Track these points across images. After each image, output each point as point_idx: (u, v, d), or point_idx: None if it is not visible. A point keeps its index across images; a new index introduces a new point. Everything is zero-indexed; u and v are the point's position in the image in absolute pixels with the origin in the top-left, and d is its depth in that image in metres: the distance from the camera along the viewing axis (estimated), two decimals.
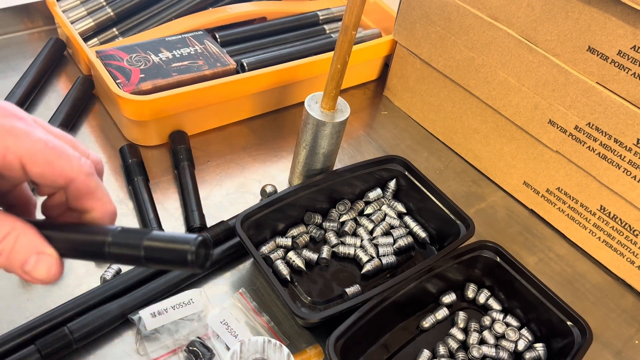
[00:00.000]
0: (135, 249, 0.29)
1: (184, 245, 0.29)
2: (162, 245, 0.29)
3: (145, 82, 0.65)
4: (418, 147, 0.78)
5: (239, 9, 0.81)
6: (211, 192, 0.66)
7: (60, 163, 0.29)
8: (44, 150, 0.29)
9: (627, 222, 0.62)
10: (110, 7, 0.75)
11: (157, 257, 0.29)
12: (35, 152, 0.29)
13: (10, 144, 0.28)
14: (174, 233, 0.30)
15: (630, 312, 0.63)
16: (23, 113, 0.30)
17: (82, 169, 0.30)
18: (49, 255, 0.30)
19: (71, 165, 0.30)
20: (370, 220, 0.63)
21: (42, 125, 0.31)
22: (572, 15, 0.58)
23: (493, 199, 0.73)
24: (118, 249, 0.30)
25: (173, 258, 0.29)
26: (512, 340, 0.55)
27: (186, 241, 0.29)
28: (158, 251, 0.29)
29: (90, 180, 0.31)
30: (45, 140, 0.29)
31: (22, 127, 0.29)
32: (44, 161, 0.29)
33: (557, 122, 0.64)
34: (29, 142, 0.28)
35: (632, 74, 0.56)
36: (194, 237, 0.29)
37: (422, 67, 0.77)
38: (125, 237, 0.30)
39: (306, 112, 0.60)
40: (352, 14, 0.54)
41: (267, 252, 0.58)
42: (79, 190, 0.30)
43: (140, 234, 0.30)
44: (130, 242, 0.30)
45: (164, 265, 0.30)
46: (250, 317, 0.54)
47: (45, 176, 0.29)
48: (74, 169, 0.30)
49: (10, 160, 0.28)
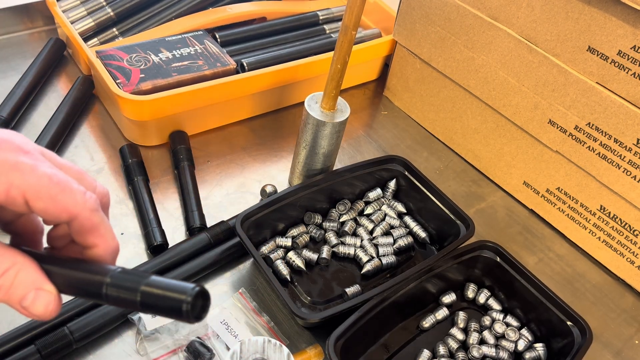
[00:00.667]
0: (132, 293, 0.29)
1: (181, 295, 0.28)
2: (159, 292, 0.29)
3: (145, 82, 0.65)
4: (418, 147, 0.78)
5: (239, 9, 0.81)
6: (211, 192, 0.66)
7: (64, 198, 0.29)
8: (48, 185, 0.29)
9: (627, 222, 0.62)
10: (110, 7, 0.75)
11: (153, 303, 0.29)
12: (39, 187, 0.28)
13: (14, 179, 0.28)
14: (172, 281, 0.29)
15: (630, 312, 0.63)
16: (29, 145, 0.30)
17: (85, 204, 0.30)
18: (47, 291, 0.30)
19: (75, 200, 0.29)
20: (370, 220, 0.63)
21: (49, 157, 0.31)
22: (572, 15, 0.58)
23: (493, 199, 0.73)
24: (115, 291, 0.29)
25: (168, 306, 0.28)
26: (512, 340, 0.55)
27: (183, 291, 0.28)
28: (154, 297, 0.29)
29: (93, 217, 0.30)
30: (49, 175, 0.29)
31: (27, 162, 0.29)
32: (47, 196, 0.29)
33: (557, 122, 0.64)
34: (33, 177, 0.28)
35: (632, 74, 0.56)
36: (191, 287, 0.28)
37: (422, 67, 0.77)
38: (123, 280, 0.29)
39: (306, 112, 0.60)
40: (352, 14, 0.54)
41: (267, 252, 0.58)
42: (83, 226, 0.30)
43: (139, 277, 0.29)
44: (128, 285, 0.29)
45: (159, 313, 0.29)
46: (250, 317, 0.54)
47: (48, 211, 0.29)
48: (78, 204, 0.29)
49: (13, 196, 0.28)
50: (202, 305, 0.29)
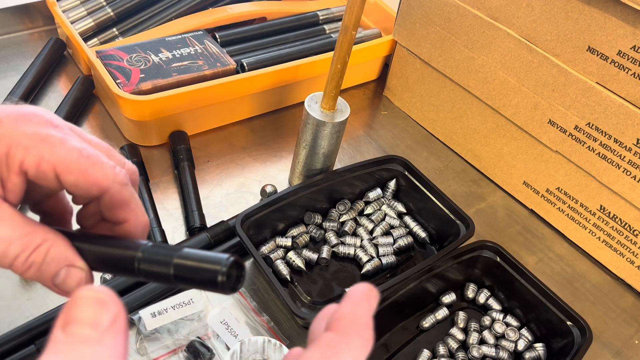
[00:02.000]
0: (165, 267, 0.28)
1: (215, 266, 0.27)
2: (192, 264, 0.28)
3: (145, 82, 0.65)
4: (418, 147, 0.78)
5: (239, 9, 0.81)
6: (211, 192, 0.66)
7: (94, 172, 0.29)
8: (79, 159, 0.28)
9: (627, 222, 0.62)
10: (110, 7, 0.75)
11: (187, 276, 0.28)
12: (69, 161, 0.28)
13: (45, 153, 0.28)
14: (206, 252, 0.28)
15: (630, 312, 0.63)
16: (59, 120, 0.30)
17: (116, 178, 0.29)
18: (79, 268, 0.29)
19: (105, 174, 0.29)
20: (370, 220, 0.64)
21: (78, 133, 0.31)
22: (572, 15, 0.58)
23: (493, 199, 0.73)
24: (148, 266, 0.29)
25: (203, 278, 0.28)
26: (512, 340, 0.55)
27: (218, 261, 0.27)
28: (188, 270, 0.28)
29: (124, 191, 0.30)
30: (79, 148, 0.29)
31: (57, 135, 0.28)
32: (77, 170, 0.28)
33: (557, 122, 0.64)
34: (63, 150, 0.28)
35: (632, 74, 0.56)
36: (225, 257, 0.28)
37: (422, 67, 0.77)
38: (155, 254, 0.29)
39: (306, 112, 0.60)
40: (352, 14, 0.54)
41: (267, 252, 0.58)
42: (113, 201, 0.30)
43: (171, 250, 0.29)
44: (160, 258, 0.29)
45: (194, 285, 0.28)
46: (250, 317, 0.54)
47: (79, 185, 0.29)
48: (108, 178, 0.29)
49: (44, 169, 0.28)
50: (237, 276, 0.28)
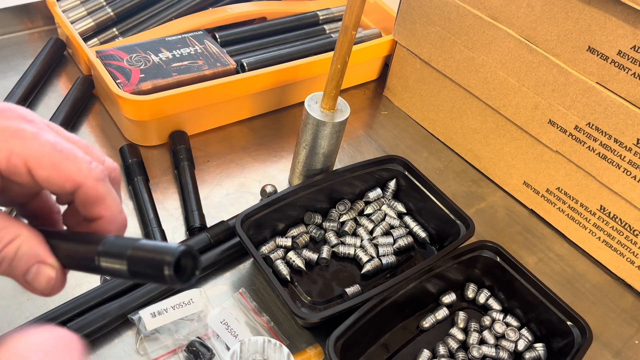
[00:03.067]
0: (120, 261, 0.26)
1: (163, 256, 0.25)
2: (143, 255, 0.26)
3: (145, 82, 0.65)
4: (418, 147, 0.78)
5: (239, 9, 0.81)
6: (211, 192, 0.66)
7: (68, 166, 0.28)
8: (51, 153, 0.28)
9: (627, 222, 0.62)
10: (110, 7, 0.75)
11: (139, 270, 0.26)
12: (41, 155, 0.27)
13: (15, 147, 0.27)
14: (159, 243, 0.26)
15: (630, 312, 0.63)
16: (33, 116, 0.29)
17: (90, 173, 0.29)
18: (49, 265, 0.28)
19: (79, 168, 0.28)
20: (370, 220, 0.63)
21: (54, 129, 0.30)
22: (572, 15, 0.58)
23: (493, 199, 0.73)
24: (106, 261, 0.27)
25: (153, 270, 0.25)
26: (512, 340, 0.55)
27: (166, 251, 0.25)
28: (140, 262, 0.26)
29: (99, 186, 0.29)
30: (53, 142, 0.28)
31: (30, 130, 0.28)
32: (50, 164, 0.27)
33: (557, 122, 0.64)
34: (35, 144, 0.27)
35: (632, 74, 0.56)
36: (175, 246, 0.25)
37: (422, 67, 0.77)
38: (113, 246, 0.27)
39: (306, 112, 0.60)
40: (352, 14, 0.54)
41: (267, 252, 0.58)
42: (87, 196, 0.29)
43: (128, 242, 0.27)
44: (116, 251, 0.27)
45: (147, 280, 0.26)
46: (250, 317, 0.54)
47: (51, 180, 0.28)
48: (82, 173, 0.28)
49: (15, 163, 0.27)
50: (192, 267, 0.26)
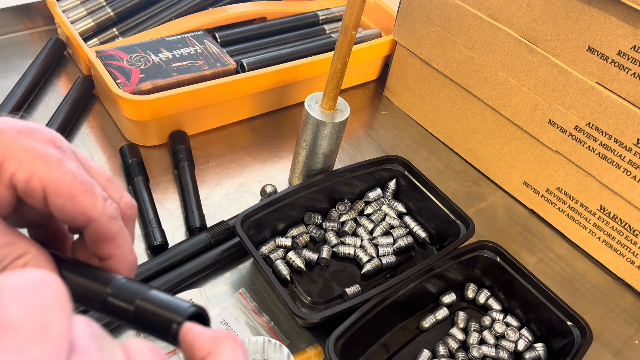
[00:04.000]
0: (127, 307, 0.25)
1: (172, 315, 0.24)
2: (151, 308, 0.25)
3: (145, 82, 0.65)
4: (418, 147, 0.78)
5: (239, 9, 0.81)
6: (211, 192, 0.66)
7: (84, 200, 0.27)
8: (71, 183, 0.27)
9: (627, 222, 0.62)
10: (110, 7, 0.75)
11: (144, 322, 0.25)
12: (61, 183, 0.27)
13: (38, 169, 0.26)
14: (169, 298, 0.25)
15: (630, 312, 0.63)
16: (61, 141, 0.29)
17: (105, 210, 0.28)
18: None
19: (95, 204, 0.27)
20: (370, 220, 0.63)
21: (80, 158, 0.29)
22: (572, 15, 0.58)
23: (493, 199, 0.73)
24: (112, 305, 0.26)
25: (158, 327, 0.24)
26: (512, 340, 0.55)
27: (176, 310, 0.24)
28: (147, 315, 0.25)
29: (111, 225, 0.28)
30: (75, 173, 0.27)
31: (56, 155, 0.27)
32: (67, 194, 0.27)
33: (557, 122, 0.64)
34: (58, 171, 0.27)
35: (632, 74, 0.56)
36: (185, 306, 0.24)
37: (422, 67, 0.77)
38: (122, 292, 0.26)
39: (306, 112, 0.60)
40: (352, 14, 0.54)
41: (267, 252, 0.58)
42: (99, 233, 0.28)
43: (138, 290, 0.26)
44: (124, 297, 0.26)
45: (150, 333, 0.25)
46: (250, 317, 0.54)
47: (65, 211, 0.27)
48: (97, 209, 0.28)
49: (33, 186, 0.26)
50: None
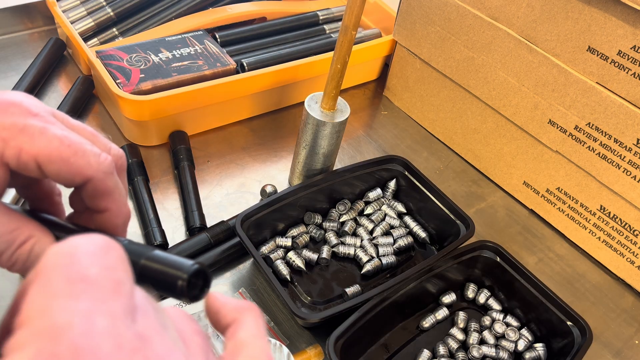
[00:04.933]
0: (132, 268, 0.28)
1: (177, 271, 0.27)
2: (157, 267, 0.27)
3: (145, 82, 0.65)
4: (418, 147, 0.78)
5: (239, 9, 0.81)
6: (211, 192, 0.66)
7: (77, 161, 0.28)
8: (59, 148, 0.28)
9: (627, 222, 0.62)
10: (110, 7, 0.75)
11: (152, 278, 0.28)
12: (50, 150, 0.27)
13: (24, 144, 0.27)
14: (173, 257, 0.28)
15: (630, 312, 0.63)
16: (38, 107, 0.29)
17: (100, 167, 0.29)
18: None
19: (89, 162, 0.28)
20: (370, 220, 0.63)
21: (60, 118, 0.30)
22: (572, 15, 0.58)
23: (493, 199, 0.73)
24: None
25: (165, 282, 0.27)
26: (512, 340, 0.55)
27: (181, 267, 0.27)
28: (152, 272, 0.27)
29: (108, 180, 0.29)
30: (60, 137, 0.28)
31: (37, 125, 0.28)
32: (59, 160, 0.27)
33: (557, 122, 0.64)
34: (43, 140, 0.27)
35: (632, 74, 0.56)
36: (190, 263, 0.27)
37: (422, 67, 0.77)
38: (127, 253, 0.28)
39: (306, 112, 0.60)
40: (352, 14, 0.54)
41: (267, 252, 0.58)
42: (96, 190, 0.29)
43: (142, 250, 0.28)
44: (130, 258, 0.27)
45: (156, 288, 0.28)
46: None
47: (61, 175, 0.28)
48: (92, 167, 0.28)
49: (25, 161, 0.27)
50: (202, 286, 0.28)
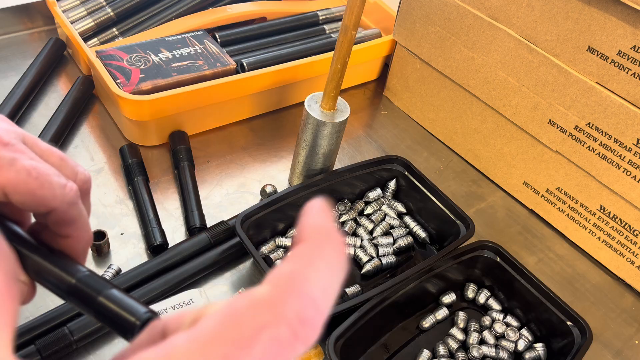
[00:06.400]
0: (89, 301, 0.30)
1: (130, 317, 0.29)
2: (112, 307, 0.29)
3: (145, 82, 0.65)
4: (418, 147, 0.78)
5: (239, 9, 0.81)
6: (211, 192, 0.66)
7: (42, 193, 0.29)
8: (27, 179, 0.29)
9: (627, 222, 0.62)
10: (110, 7, 0.75)
11: (107, 316, 0.29)
12: (17, 182, 0.28)
13: None
14: (128, 300, 0.30)
15: (630, 312, 0.63)
16: (10, 135, 0.30)
17: (64, 198, 0.30)
18: (22, 282, 0.30)
19: (54, 194, 0.30)
20: (370, 220, 0.63)
21: (31, 144, 0.31)
22: (572, 15, 0.58)
23: (493, 199, 0.73)
24: (75, 295, 0.30)
25: (115, 325, 0.29)
26: (512, 340, 0.55)
27: (133, 313, 0.29)
28: (108, 312, 0.29)
29: (72, 210, 0.31)
30: (29, 168, 0.29)
31: (7, 156, 0.29)
32: (25, 191, 0.29)
33: (557, 122, 0.64)
34: (12, 172, 0.28)
35: (632, 74, 0.56)
36: (143, 311, 0.29)
37: (422, 67, 0.77)
38: (86, 286, 0.30)
39: (306, 112, 0.60)
40: (352, 14, 0.54)
41: (267, 252, 0.58)
42: (59, 219, 0.31)
43: (100, 286, 0.30)
44: (87, 292, 0.30)
45: (109, 326, 0.30)
46: None
47: (26, 204, 0.29)
48: (57, 198, 0.30)
49: None
50: None
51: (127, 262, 0.56)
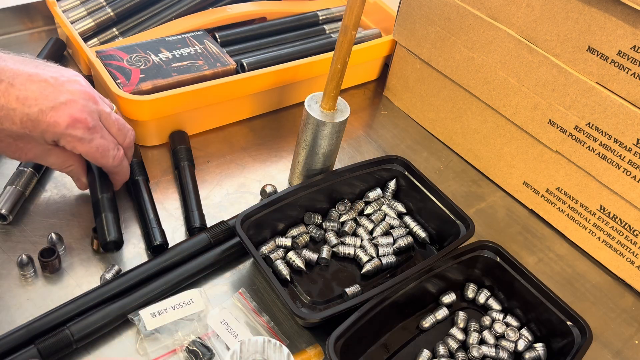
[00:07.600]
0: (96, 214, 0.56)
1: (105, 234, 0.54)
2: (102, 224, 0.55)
3: (145, 82, 0.65)
4: (418, 147, 0.78)
5: (239, 9, 0.81)
6: (211, 192, 0.66)
7: (102, 161, 0.53)
8: (95, 153, 0.52)
9: (627, 222, 0.62)
10: (110, 7, 0.75)
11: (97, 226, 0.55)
12: (90, 153, 0.52)
13: (78, 147, 0.51)
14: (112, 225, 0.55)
15: (630, 312, 0.63)
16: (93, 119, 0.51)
17: (113, 162, 0.54)
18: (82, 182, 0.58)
19: (108, 161, 0.54)
20: (370, 220, 0.64)
21: (104, 117, 0.53)
22: (572, 15, 0.58)
23: (493, 199, 0.73)
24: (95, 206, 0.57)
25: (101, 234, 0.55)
26: (512, 340, 0.55)
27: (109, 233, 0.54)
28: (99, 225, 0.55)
29: (116, 168, 0.55)
30: (97, 146, 0.52)
31: (86, 138, 0.50)
32: (93, 159, 0.53)
33: (557, 122, 0.64)
34: (88, 147, 0.51)
35: (632, 74, 0.56)
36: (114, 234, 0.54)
37: (422, 67, 0.77)
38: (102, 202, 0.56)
39: (306, 112, 0.60)
40: (352, 14, 0.54)
41: (267, 252, 0.58)
42: (109, 170, 0.56)
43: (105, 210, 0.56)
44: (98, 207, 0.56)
45: None
46: (250, 317, 0.54)
47: (95, 162, 0.54)
48: (109, 163, 0.54)
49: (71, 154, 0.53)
50: None
51: (127, 262, 0.56)
